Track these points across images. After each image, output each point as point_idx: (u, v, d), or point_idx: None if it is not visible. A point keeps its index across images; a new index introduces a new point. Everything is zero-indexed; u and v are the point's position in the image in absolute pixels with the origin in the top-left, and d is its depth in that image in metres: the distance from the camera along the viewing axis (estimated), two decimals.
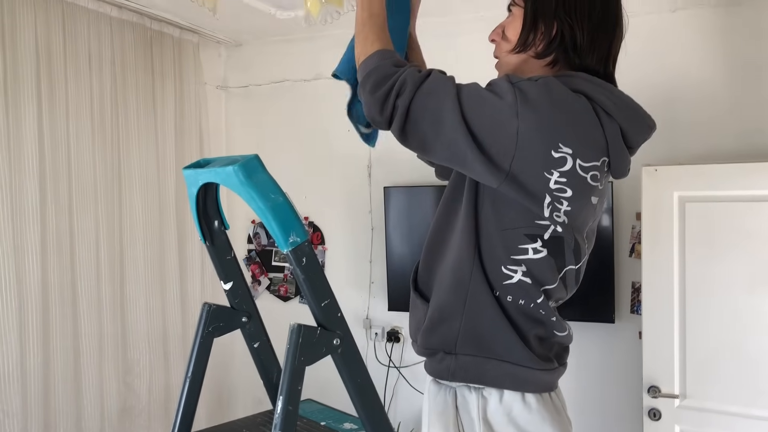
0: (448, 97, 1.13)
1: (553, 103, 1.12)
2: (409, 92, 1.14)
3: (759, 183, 2.24)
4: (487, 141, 1.11)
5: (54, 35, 2.60)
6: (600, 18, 1.25)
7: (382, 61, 1.19)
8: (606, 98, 1.19)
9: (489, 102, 1.12)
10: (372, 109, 1.18)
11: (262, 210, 0.90)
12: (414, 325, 1.37)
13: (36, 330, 2.53)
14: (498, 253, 1.22)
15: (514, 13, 1.30)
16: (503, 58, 1.32)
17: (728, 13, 2.67)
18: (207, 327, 1.09)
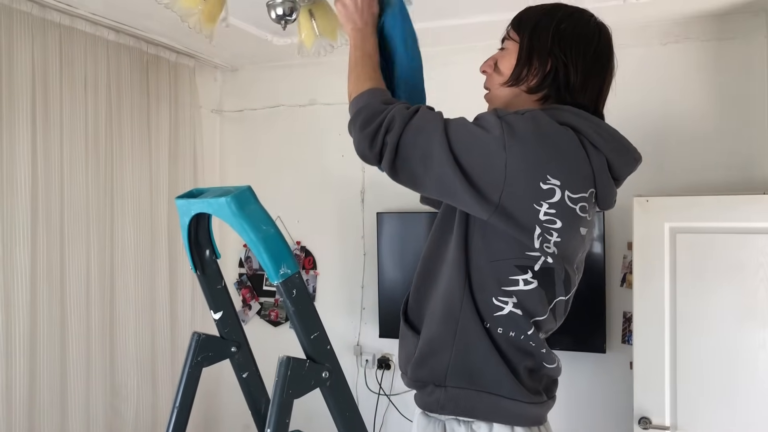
0: (436, 132, 1.14)
1: (540, 135, 1.14)
2: (397, 129, 1.15)
3: (748, 215, 2.26)
4: (476, 174, 1.12)
5: (50, 58, 2.61)
6: (594, 59, 1.28)
7: (372, 98, 1.22)
8: (592, 131, 1.20)
9: (477, 136, 1.14)
10: (362, 146, 1.19)
11: (254, 241, 0.91)
12: (404, 357, 1.36)
13: (23, 352, 2.50)
14: (488, 284, 1.22)
15: (508, 47, 1.32)
16: (495, 90, 1.33)
17: (718, 47, 2.71)
18: (196, 356, 1.08)
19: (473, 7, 2.62)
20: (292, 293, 0.91)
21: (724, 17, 2.68)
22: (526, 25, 1.30)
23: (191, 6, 1.38)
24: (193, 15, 1.38)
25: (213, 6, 1.42)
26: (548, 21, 1.28)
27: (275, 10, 1.45)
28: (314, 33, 1.56)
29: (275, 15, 1.45)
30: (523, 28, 1.30)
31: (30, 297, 2.53)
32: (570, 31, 1.27)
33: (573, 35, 1.27)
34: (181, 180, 3.33)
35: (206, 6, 1.41)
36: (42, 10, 2.53)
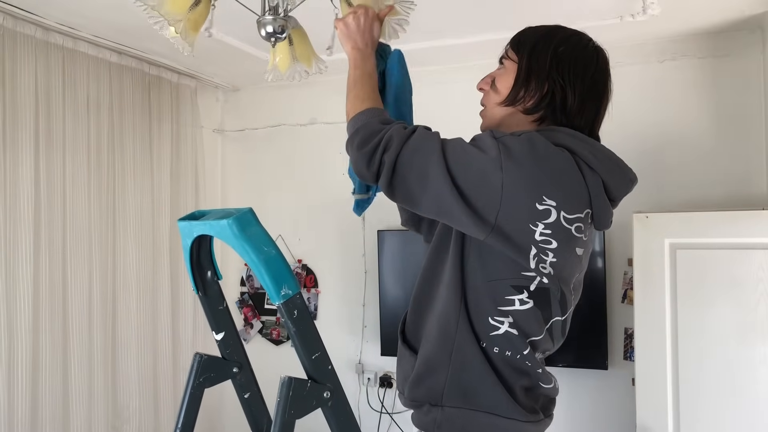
0: (433, 152, 1.16)
1: (536, 156, 1.15)
2: (395, 148, 1.16)
3: (747, 231, 2.27)
4: (473, 195, 1.13)
5: (53, 80, 2.64)
6: (591, 82, 1.29)
7: (370, 118, 1.23)
8: (588, 152, 1.21)
9: (474, 156, 1.15)
10: (359, 164, 1.20)
11: (255, 262, 0.91)
12: (401, 377, 1.37)
13: (25, 373, 2.50)
14: (484, 304, 1.23)
15: (506, 66, 1.33)
16: (491, 108, 1.34)
17: (715, 64, 2.73)
18: (198, 377, 1.09)
19: (471, 27, 2.65)
20: (293, 314, 0.92)
21: (721, 34, 2.71)
22: (525, 45, 1.31)
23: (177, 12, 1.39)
24: (179, 22, 1.40)
25: (198, 15, 1.44)
26: (547, 43, 1.29)
27: (265, 27, 1.46)
28: (290, 58, 1.58)
29: (265, 33, 1.46)
30: (521, 48, 1.31)
31: (32, 317, 2.54)
32: (568, 54, 1.28)
33: (571, 58, 1.28)
34: (182, 199, 3.35)
35: (192, 14, 1.42)
36: (45, 33, 2.56)
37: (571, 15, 2.48)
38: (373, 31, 1.37)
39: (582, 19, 2.52)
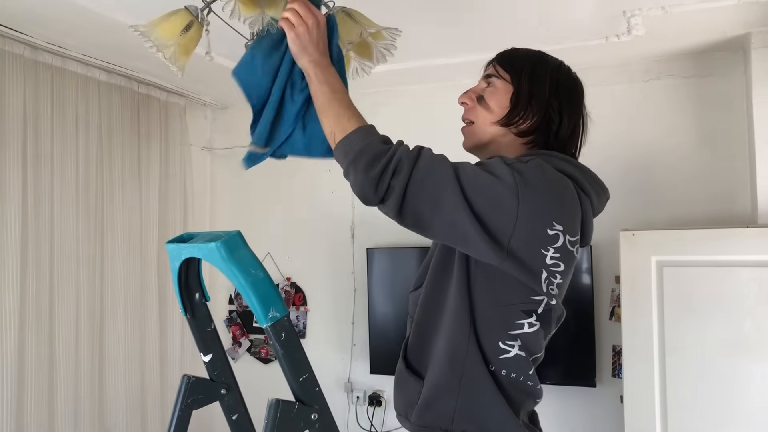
0: (448, 177, 1.14)
1: (547, 183, 1.17)
2: (406, 172, 1.13)
3: (732, 248, 2.29)
4: (488, 220, 1.13)
5: (42, 98, 2.64)
6: (579, 112, 1.34)
7: (368, 137, 1.18)
8: (580, 176, 1.25)
9: (490, 183, 1.14)
10: (366, 189, 1.16)
11: (243, 285, 0.92)
12: (404, 402, 1.35)
13: (10, 391, 2.47)
14: (495, 328, 1.24)
15: (497, 85, 1.33)
16: (482, 125, 1.34)
17: (699, 84, 2.77)
18: (186, 399, 1.08)
19: (458, 48, 2.68)
20: (281, 336, 0.92)
21: (704, 55, 2.75)
22: (521, 67, 1.32)
23: (167, 38, 1.40)
24: (169, 47, 1.40)
25: (189, 40, 1.45)
26: (545, 69, 1.32)
27: None
28: None
29: None
30: (516, 69, 1.32)
31: (18, 334, 2.52)
32: (563, 82, 1.32)
33: (567, 87, 1.32)
34: (171, 217, 3.34)
35: (183, 40, 1.43)
36: (34, 52, 2.57)
37: (557, 35, 2.51)
38: (325, 38, 1.31)
39: (568, 39, 2.56)
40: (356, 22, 1.45)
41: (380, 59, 1.48)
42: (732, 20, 2.37)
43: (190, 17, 1.41)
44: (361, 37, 1.43)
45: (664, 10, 2.24)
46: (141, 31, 1.34)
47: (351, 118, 1.22)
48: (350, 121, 1.22)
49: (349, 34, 1.45)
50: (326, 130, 1.25)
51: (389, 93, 3.28)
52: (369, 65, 1.50)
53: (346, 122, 1.22)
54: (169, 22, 1.38)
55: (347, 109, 1.24)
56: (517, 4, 2.22)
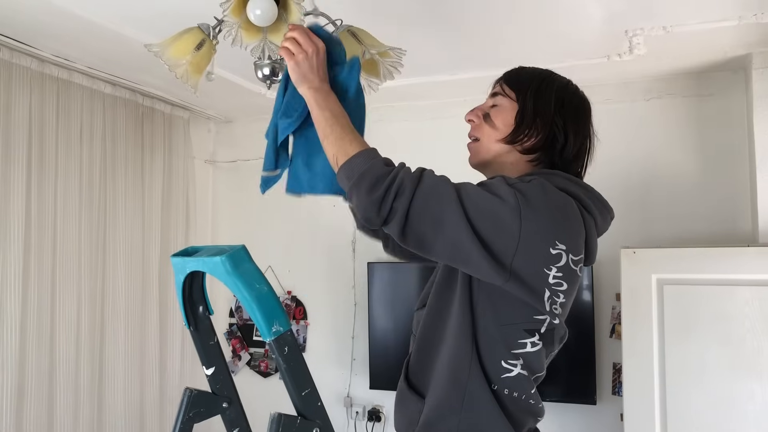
0: (450, 198, 1.14)
1: (549, 203, 1.17)
2: (408, 193, 1.14)
3: (733, 267, 2.29)
4: (491, 240, 1.13)
5: (48, 110, 2.66)
6: (585, 131, 1.34)
7: (371, 160, 1.19)
8: (584, 195, 1.26)
9: (492, 204, 1.14)
10: (369, 211, 1.16)
11: (247, 299, 0.92)
12: (405, 421, 1.34)
13: (10, 401, 2.47)
14: (497, 348, 1.24)
15: (502, 104, 1.34)
16: (487, 143, 1.35)
17: (700, 103, 2.79)
18: (188, 412, 1.09)
19: (462, 64, 2.70)
20: (284, 350, 0.93)
21: (705, 74, 2.77)
22: (526, 86, 1.33)
23: (180, 56, 1.42)
24: (181, 66, 1.42)
25: (201, 58, 1.47)
26: (550, 87, 1.32)
27: (262, 70, 1.49)
28: None
29: (262, 75, 1.49)
30: (521, 87, 1.33)
31: (19, 345, 2.52)
32: (569, 100, 1.32)
33: (572, 106, 1.32)
34: (173, 230, 3.35)
35: (195, 58, 1.45)
36: (40, 64, 2.59)
37: (559, 53, 2.53)
38: (325, 65, 1.32)
39: (570, 58, 2.58)
40: (360, 42, 1.47)
41: (387, 76, 1.50)
42: (733, 40, 2.39)
43: (202, 35, 1.43)
44: (364, 57, 1.45)
45: (665, 30, 2.26)
46: (155, 51, 1.36)
47: (353, 141, 1.23)
48: (352, 144, 1.22)
49: (353, 54, 1.47)
50: (329, 154, 1.25)
51: (394, 108, 3.30)
52: (376, 82, 1.52)
53: (348, 146, 1.22)
54: (182, 40, 1.40)
55: (349, 133, 1.24)
56: (520, 21, 2.24)
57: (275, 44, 1.40)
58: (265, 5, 1.35)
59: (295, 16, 1.36)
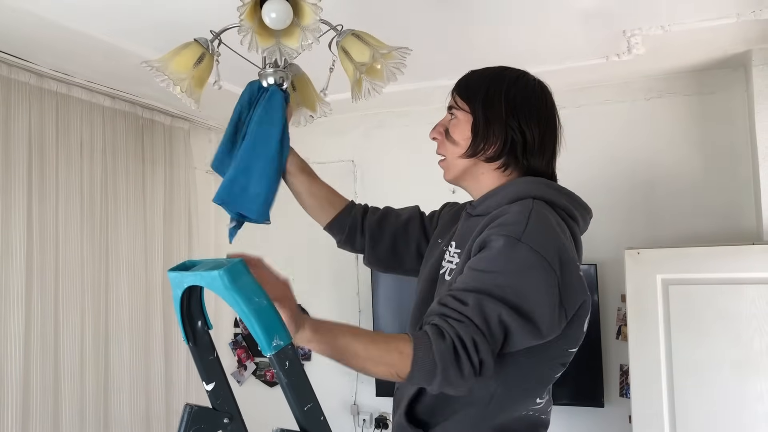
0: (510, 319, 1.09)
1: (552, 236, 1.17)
2: (471, 346, 1.07)
3: (738, 266, 2.28)
4: (543, 316, 1.13)
5: (47, 124, 2.66)
6: (545, 121, 1.31)
7: (426, 351, 1.07)
8: (569, 203, 1.26)
9: (528, 283, 1.12)
10: (469, 383, 1.09)
11: (246, 314, 0.91)
12: None
13: (16, 417, 2.46)
14: (531, 384, 1.25)
15: (458, 117, 1.31)
16: (452, 160, 1.33)
17: (701, 102, 2.78)
18: (188, 429, 1.07)
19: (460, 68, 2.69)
20: (285, 365, 0.92)
21: (705, 72, 2.76)
22: (475, 94, 1.30)
23: (181, 72, 1.42)
24: (184, 80, 1.42)
25: (202, 72, 1.46)
26: (497, 89, 1.29)
27: (266, 79, 1.49)
28: (294, 104, 1.60)
29: (266, 84, 1.49)
30: (471, 97, 1.30)
31: (23, 360, 2.51)
32: (520, 96, 1.29)
33: (523, 101, 1.29)
34: (176, 241, 3.35)
35: (196, 72, 1.45)
36: (39, 79, 2.59)
37: (557, 54, 2.53)
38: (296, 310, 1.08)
39: (569, 59, 2.58)
40: (367, 44, 1.46)
41: (390, 78, 1.48)
42: (732, 38, 2.38)
43: (201, 49, 1.43)
44: (374, 59, 1.43)
45: (663, 29, 2.25)
46: (156, 66, 1.35)
47: (385, 346, 1.09)
48: (391, 352, 1.08)
49: (362, 56, 1.46)
50: (384, 373, 1.09)
51: (394, 114, 3.30)
52: (380, 85, 1.51)
53: (390, 355, 1.08)
54: (181, 55, 1.40)
55: (370, 348, 1.09)
56: (517, 24, 2.24)
57: (289, 47, 1.39)
58: (279, 8, 1.34)
59: (309, 19, 1.36)
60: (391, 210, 1.61)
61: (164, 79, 1.40)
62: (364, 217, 1.57)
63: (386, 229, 1.55)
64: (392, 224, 1.56)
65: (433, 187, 1.75)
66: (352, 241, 1.58)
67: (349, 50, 1.47)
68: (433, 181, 1.45)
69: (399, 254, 1.56)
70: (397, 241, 1.55)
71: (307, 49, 1.39)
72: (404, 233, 1.55)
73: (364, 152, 3.37)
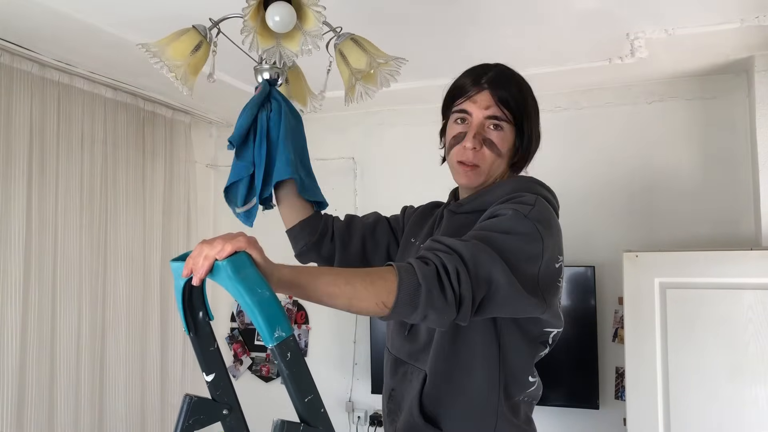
0: (495, 261, 1.10)
1: (554, 224, 1.23)
2: (465, 278, 1.06)
3: (736, 271, 2.28)
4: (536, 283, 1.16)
5: (48, 114, 2.66)
6: None
7: (410, 279, 1.04)
8: (552, 197, 1.32)
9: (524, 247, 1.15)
10: (450, 316, 1.07)
11: (249, 304, 0.91)
12: None
13: (10, 407, 2.46)
14: (524, 365, 1.30)
15: (504, 130, 1.32)
16: (491, 169, 1.33)
17: (702, 106, 2.78)
18: (187, 420, 1.07)
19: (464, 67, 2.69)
20: (286, 356, 0.92)
21: (707, 77, 2.76)
22: (521, 108, 1.33)
23: (179, 57, 1.42)
24: (180, 67, 1.42)
25: (198, 60, 1.46)
26: (532, 102, 1.37)
27: (262, 74, 1.49)
28: (286, 96, 1.61)
29: (262, 80, 1.49)
30: (518, 111, 1.32)
31: (19, 351, 2.51)
32: (535, 105, 1.38)
33: (537, 109, 1.39)
34: (174, 234, 3.34)
35: (193, 59, 1.45)
36: (42, 68, 2.59)
37: (560, 56, 2.53)
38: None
39: (571, 61, 2.58)
40: (365, 50, 1.47)
41: (384, 84, 1.51)
42: (735, 43, 2.39)
43: (199, 37, 1.43)
44: (370, 66, 1.46)
45: (667, 33, 2.25)
46: (153, 51, 1.35)
47: (366, 278, 1.05)
48: (374, 282, 1.04)
49: (358, 62, 1.48)
50: (370, 305, 1.04)
51: (396, 112, 3.30)
52: (373, 89, 1.53)
53: (374, 286, 1.04)
54: (180, 41, 1.39)
55: (356, 276, 1.05)
56: (521, 25, 2.24)
57: (289, 50, 1.40)
58: (284, 12, 1.34)
59: (311, 24, 1.37)
60: (355, 216, 1.63)
61: (158, 62, 1.40)
62: (333, 224, 1.60)
63: (354, 234, 1.57)
64: (359, 228, 1.58)
65: (433, 185, 1.75)
66: (319, 246, 1.56)
67: (346, 55, 1.49)
68: (432, 179, 1.46)
69: (368, 257, 1.57)
70: (366, 245, 1.57)
71: (307, 54, 1.40)
72: (372, 237, 1.57)
73: (365, 150, 3.38)
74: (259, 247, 1.00)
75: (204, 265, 0.93)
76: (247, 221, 1.60)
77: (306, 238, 1.58)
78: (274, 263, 1.01)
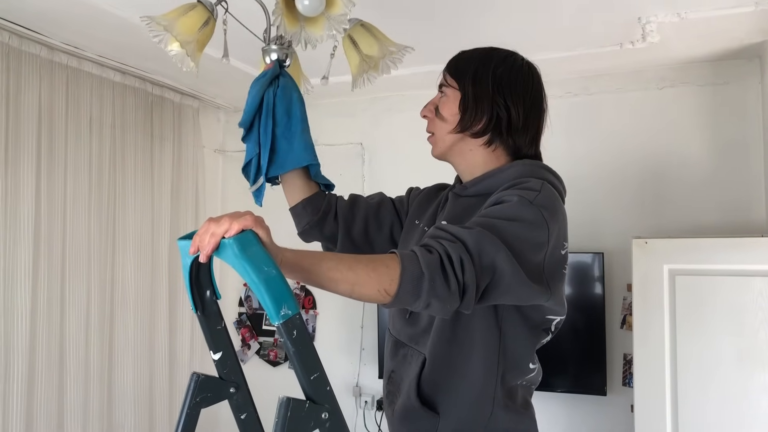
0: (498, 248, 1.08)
1: (559, 210, 1.21)
2: (469, 266, 1.05)
3: (746, 258, 2.27)
4: (539, 271, 1.16)
5: (57, 98, 2.66)
6: (531, 100, 1.34)
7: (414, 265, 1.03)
8: (558, 183, 1.30)
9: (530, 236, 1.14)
10: (453, 304, 1.06)
11: (255, 282, 0.91)
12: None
13: (20, 389, 2.48)
14: (525, 351, 1.29)
15: (447, 94, 1.36)
16: (440, 136, 1.38)
17: (713, 92, 2.76)
18: (195, 397, 1.08)
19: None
20: (292, 334, 0.92)
21: (720, 63, 2.73)
22: (464, 72, 1.34)
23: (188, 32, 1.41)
24: (190, 44, 1.42)
25: (205, 36, 1.46)
26: (486, 67, 1.33)
27: (270, 56, 1.49)
28: None
29: (270, 61, 1.49)
30: (461, 74, 1.34)
31: (29, 333, 2.53)
32: (507, 75, 1.32)
33: (510, 79, 1.32)
34: (182, 219, 3.35)
35: (200, 36, 1.44)
36: (50, 52, 2.59)
37: (570, 41, 2.51)
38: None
39: (582, 46, 2.55)
40: (375, 37, 1.47)
41: (384, 71, 1.53)
42: (748, 27, 2.36)
43: (207, 13, 1.42)
44: (383, 54, 1.47)
45: (679, 17, 2.23)
46: (163, 24, 1.34)
47: (369, 264, 1.04)
48: (376, 268, 1.04)
49: (370, 49, 1.49)
50: (372, 291, 1.03)
51: (403, 97, 3.28)
52: (374, 75, 1.54)
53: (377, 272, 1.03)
54: (188, 17, 1.39)
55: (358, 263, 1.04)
56: (530, 10, 2.22)
57: (312, 34, 1.41)
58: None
59: (339, 8, 1.37)
60: (359, 196, 1.62)
61: (158, 35, 1.39)
62: (336, 203, 1.59)
63: (358, 214, 1.56)
64: (363, 208, 1.57)
65: (441, 171, 1.74)
66: (321, 225, 1.55)
67: (357, 41, 1.49)
68: (440, 165, 1.46)
69: (371, 238, 1.56)
70: (369, 225, 1.56)
71: (331, 39, 1.41)
72: (376, 217, 1.57)
73: (373, 135, 3.37)
74: (265, 226, 0.99)
75: (210, 243, 0.93)
76: (257, 200, 1.60)
77: (309, 217, 1.57)
78: (278, 246, 1.01)
